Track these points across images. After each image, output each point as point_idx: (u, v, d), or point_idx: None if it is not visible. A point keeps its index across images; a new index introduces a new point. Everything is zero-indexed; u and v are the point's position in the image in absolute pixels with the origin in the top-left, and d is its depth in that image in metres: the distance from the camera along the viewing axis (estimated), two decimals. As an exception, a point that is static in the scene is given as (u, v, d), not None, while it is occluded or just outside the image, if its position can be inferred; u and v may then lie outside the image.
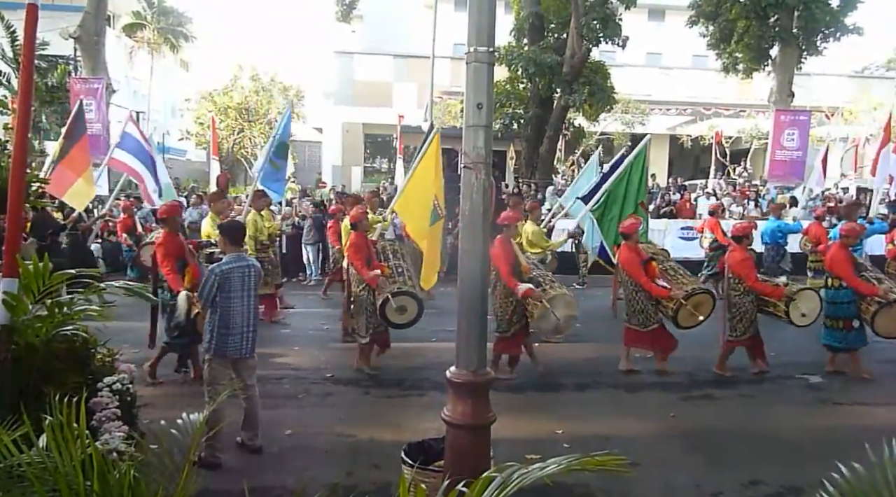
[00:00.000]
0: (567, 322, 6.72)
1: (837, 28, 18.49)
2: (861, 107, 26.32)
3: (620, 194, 7.55)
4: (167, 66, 36.10)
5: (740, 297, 7.05)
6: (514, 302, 6.76)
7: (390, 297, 6.67)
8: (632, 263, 7.03)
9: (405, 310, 6.79)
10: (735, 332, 7.12)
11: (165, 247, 6.32)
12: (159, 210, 7.01)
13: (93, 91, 15.77)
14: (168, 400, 5.78)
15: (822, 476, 2.26)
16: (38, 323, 3.57)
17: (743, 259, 7.00)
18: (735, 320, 7.10)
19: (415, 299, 6.84)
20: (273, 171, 9.52)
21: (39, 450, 2.11)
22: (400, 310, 6.73)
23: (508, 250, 6.82)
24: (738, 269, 6.99)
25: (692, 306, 7.01)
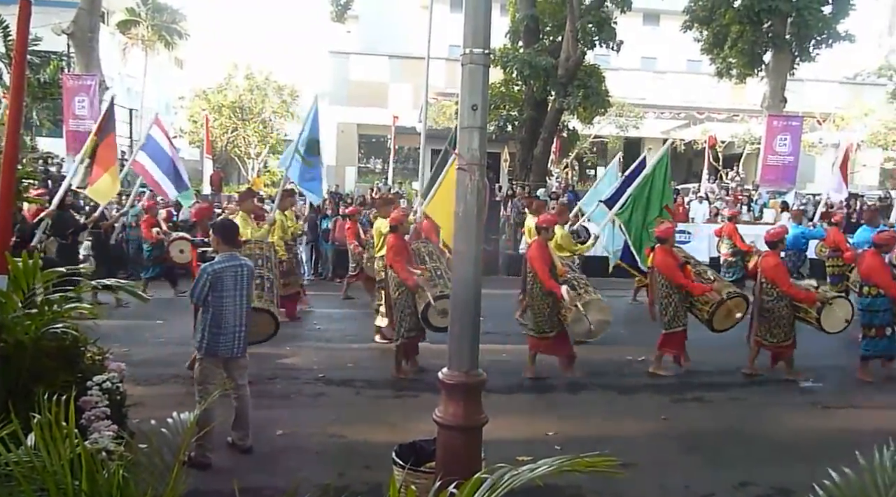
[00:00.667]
0: (600, 327, 6.79)
1: (829, 35, 18.64)
2: (852, 113, 26.51)
3: (645, 198, 7.59)
4: (161, 63, 35.96)
5: (774, 302, 7.07)
6: (552, 303, 6.80)
7: (433, 301, 6.69)
8: (669, 266, 7.08)
9: (447, 313, 6.78)
10: (774, 338, 7.10)
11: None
12: (193, 212, 6.95)
13: (86, 88, 15.71)
14: (158, 399, 5.74)
15: (812, 478, 2.27)
16: (28, 320, 3.54)
17: (777, 264, 7.03)
18: (771, 325, 7.09)
19: None
20: (307, 170, 9.20)
21: (27, 449, 2.09)
22: (442, 313, 6.72)
23: (546, 252, 6.87)
24: (771, 274, 7.01)
25: (727, 310, 7.06)
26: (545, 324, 6.85)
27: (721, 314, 7.13)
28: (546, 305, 6.81)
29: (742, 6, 18.22)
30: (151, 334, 8.42)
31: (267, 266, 6.94)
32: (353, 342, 8.43)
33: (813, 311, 7.04)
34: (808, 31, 18.20)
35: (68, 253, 8.82)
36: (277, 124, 29.93)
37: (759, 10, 17.84)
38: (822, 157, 27.96)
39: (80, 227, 9.27)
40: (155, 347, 7.91)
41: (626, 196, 7.55)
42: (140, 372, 6.38)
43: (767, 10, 17.76)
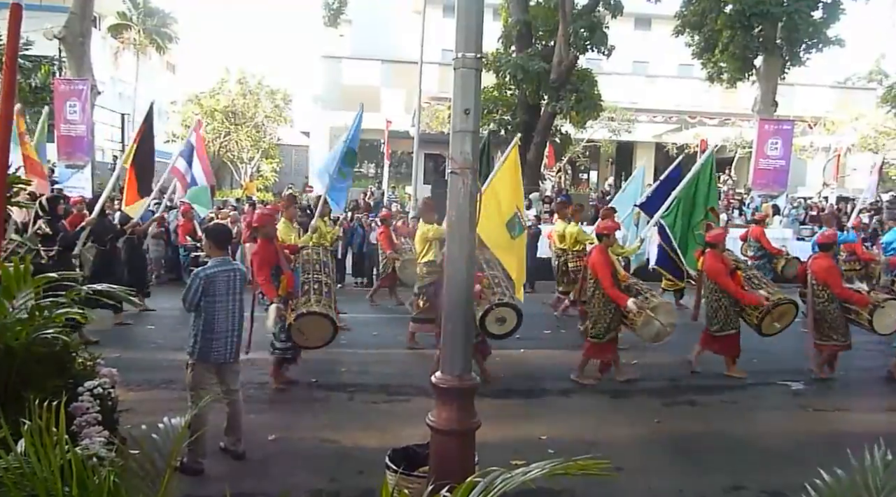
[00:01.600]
0: (667, 330, 6.83)
1: (820, 39, 18.76)
2: (843, 117, 26.73)
3: (690, 201, 7.64)
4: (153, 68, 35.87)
5: (825, 304, 7.13)
6: (614, 309, 6.86)
7: (493, 308, 6.71)
8: (719, 272, 7.11)
9: (504, 320, 6.85)
10: (829, 340, 7.16)
11: (261, 255, 6.33)
12: (255, 218, 6.94)
13: (77, 92, 15.63)
14: (150, 405, 5.71)
15: (803, 481, 2.28)
16: (18, 326, 3.52)
17: (829, 266, 7.09)
18: (826, 328, 7.15)
19: (514, 310, 6.90)
20: (339, 179, 9.19)
21: (17, 455, 2.07)
22: (499, 321, 6.79)
23: (608, 259, 6.91)
24: (824, 277, 7.06)
25: (777, 315, 7.12)
26: (602, 329, 6.93)
27: (771, 319, 7.19)
28: (608, 311, 6.89)
29: (733, 11, 18.32)
30: (143, 339, 8.37)
31: (325, 271, 6.95)
32: (346, 347, 8.40)
33: (865, 313, 7.10)
34: (798, 35, 18.32)
35: (107, 259, 8.89)
36: (270, 129, 29.91)
37: (750, 14, 17.95)
38: (813, 161, 28.18)
39: (119, 234, 9.26)
40: (147, 352, 7.87)
41: (672, 199, 7.60)
42: (132, 377, 6.34)
43: (758, 14, 17.87)
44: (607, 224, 7.31)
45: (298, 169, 32.19)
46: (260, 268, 6.30)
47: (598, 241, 7.12)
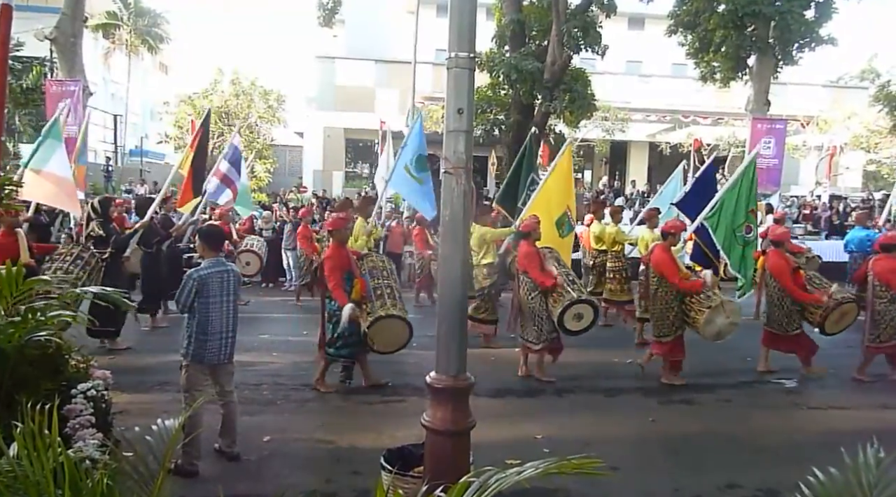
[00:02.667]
0: (729, 328, 6.86)
1: (812, 38, 18.84)
2: (835, 116, 26.85)
3: (733, 202, 7.71)
4: (146, 68, 35.77)
5: (886, 304, 7.15)
6: (676, 307, 6.91)
7: (572, 305, 6.76)
8: (781, 271, 7.17)
9: (581, 317, 6.90)
10: (878, 340, 7.20)
11: (333, 259, 6.34)
12: (328, 222, 6.92)
13: (69, 93, 15.53)
14: (144, 407, 5.68)
15: (798, 479, 2.28)
16: (11, 329, 3.50)
17: (893, 268, 7.08)
18: (881, 328, 7.18)
19: (592, 306, 6.98)
20: (419, 187, 9.19)
21: (9, 458, 2.06)
22: (577, 317, 6.83)
23: (672, 256, 6.98)
24: (887, 278, 7.09)
25: (839, 315, 7.18)
26: (667, 327, 6.97)
27: (833, 318, 7.23)
28: (672, 309, 6.93)
29: (726, 11, 18.39)
30: (137, 342, 8.33)
31: (393, 276, 7.02)
32: (341, 347, 8.39)
33: None
34: (791, 35, 18.39)
35: (153, 262, 8.96)
36: (264, 129, 29.83)
37: (742, 14, 18.01)
38: (806, 160, 28.30)
39: (166, 237, 9.28)
40: (140, 355, 7.84)
41: (715, 201, 7.68)
42: (125, 379, 6.31)
43: (751, 14, 17.94)
44: (674, 223, 7.36)
45: (292, 169, 32.12)
46: (332, 272, 6.30)
47: (663, 240, 7.17)
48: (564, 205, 7.73)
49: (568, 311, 6.76)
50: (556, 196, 7.85)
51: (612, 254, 9.56)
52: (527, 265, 6.90)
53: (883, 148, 27.44)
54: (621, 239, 9.53)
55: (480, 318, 8.37)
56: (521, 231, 7.14)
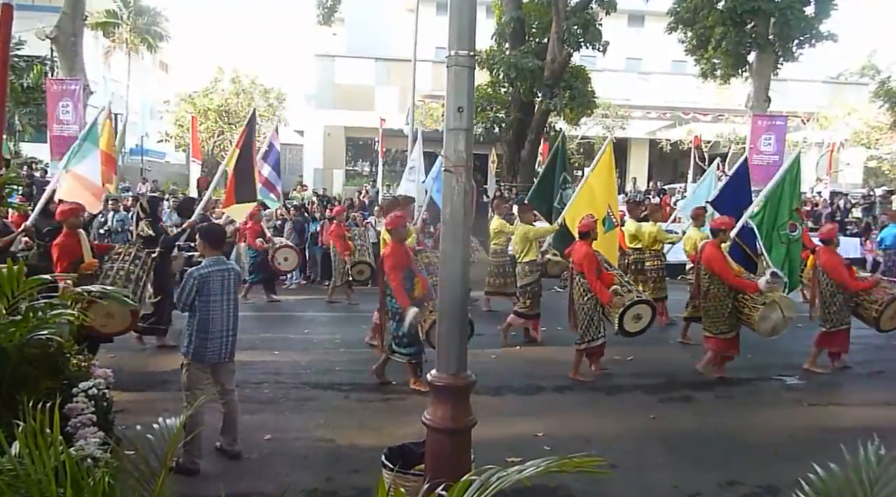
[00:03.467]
0: (785, 323, 6.89)
1: (812, 35, 18.81)
2: (835, 112, 26.82)
3: (776, 201, 7.74)
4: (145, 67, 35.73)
5: None
6: (731, 304, 6.95)
7: (632, 306, 6.82)
8: (835, 266, 7.24)
9: (640, 317, 6.96)
10: None
11: (394, 257, 6.37)
12: (388, 221, 6.93)
13: (70, 92, 15.54)
14: (145, 405, 5.70)
15: (798, 476, 2.29)
16: (12, 327, 3.50)
17: None
18: None
19: (650, 306, 7.04)
20: None
21: (11, 457, 2.06)
22: (636, 318, 6.90)
23: (724, 254, 7.02)
24: None
25: (894, 310, 7.24)
26: (723, 324, 7.01)
27: (889, 313, 7.27)
28: (726, 306, 6.97)
29: (725, 7, 18.36)
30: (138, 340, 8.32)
31: None
32: (341, 346, 8.41)
33: None
34: (790, 31, 18.36)
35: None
36: (264, 128, 29.81)
37: (742, 11, 17.98)
38: (807, 156, 28.25)
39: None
40: (141, 353, 7.85)
41: (761, 199, 7.70)
42: (126, 378, 6.33)
43: (751, 10, 17.90)
44: (723, 220, 7.35)
45: (293, 168, 32.09)
46: (393, 270, 6.31)
47: (713, 237, 7.17)
48: (606, 202, 7.86)
49: (628, 312, 6.85)
50: (599, 193, 7.97)
51: (652, 252, 9.52)
52: (586, 267, 6.87)
53: (883, 144, 27.43)
54: (662, 238, 9.53)
55: (521, 312, 8.47)
56: (580, 231, 7.16)
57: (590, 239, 7.02)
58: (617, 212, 8.01)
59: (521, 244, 8.38)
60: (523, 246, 8.37)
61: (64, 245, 6.29)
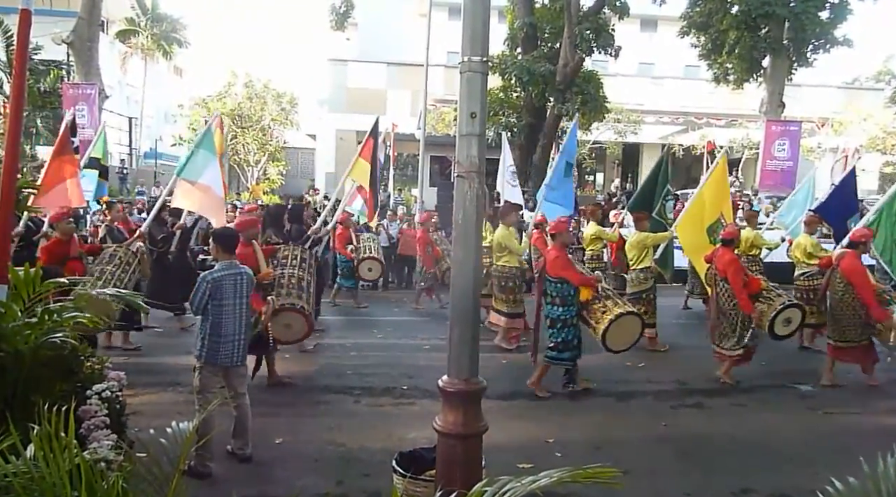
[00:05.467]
0: None
1: (827, 40, 18.70)
2: (851, 118, 26.58)
3: (891, 211, 7.73)
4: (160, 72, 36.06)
5: None
6: (865, 313, 6.93)
7: (784, 310, 7.00)
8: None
9: (790, 321, 7.14)
10: None
11: (561, 259, 6.52)
12: (552, 226, 7.04)
13: (85, 96, 15.74)
14: (157, 407, 5.73)
15: (812, 485, 2.26)
16: (27, 330, 3.53)
17: None
18: None
19: (801, 309, 7.22)
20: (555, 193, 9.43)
21: (26, 460, 2.08)
22: (786, 322, 7.09)
23: (862, 264, 7.00)
24: None
25: None
26: (853, 333, 7.00)
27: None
28: (858, 315, 6.96)
29: (739, 12, 18.29)
30: (150, 343, 8.39)
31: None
32: (352, 350, 8.41)
33: None
34: (805, 35, 18.26)
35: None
36: (276, 132, 29.99)
37: (756, 15, 17.90)
38: (821, 162, 28.02)
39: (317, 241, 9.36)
40: (153, 356, 7.89)
41: (876, 209, 7.68)
42: (139, 380, 6.37)
43: (765, 15, 17.82)
44: (863, 232, 7.31)
45: (304, 171, 32.26)
46: (567, 270, 6.51)
47: (853, 248, 7.14)
48: (718, 211, 8.04)
49: (779, 316, 6.96)
50: (711, 203, 8.13)
51: (748, 257, 9.47)
52: (731, 275, 6.87)
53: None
54: (760, 243, 9.56)
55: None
56: (724, 238, 7.18)
57: (733, 246, 7.07)
58: (729, 219, 8.23)
59: (638, 251, 8.39)
60: (639, 252, 8.38)
61: (244, 256, 6.37)
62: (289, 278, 6.79)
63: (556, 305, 6.55)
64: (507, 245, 8.22)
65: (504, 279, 8.34)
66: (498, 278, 8.39)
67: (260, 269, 6.35)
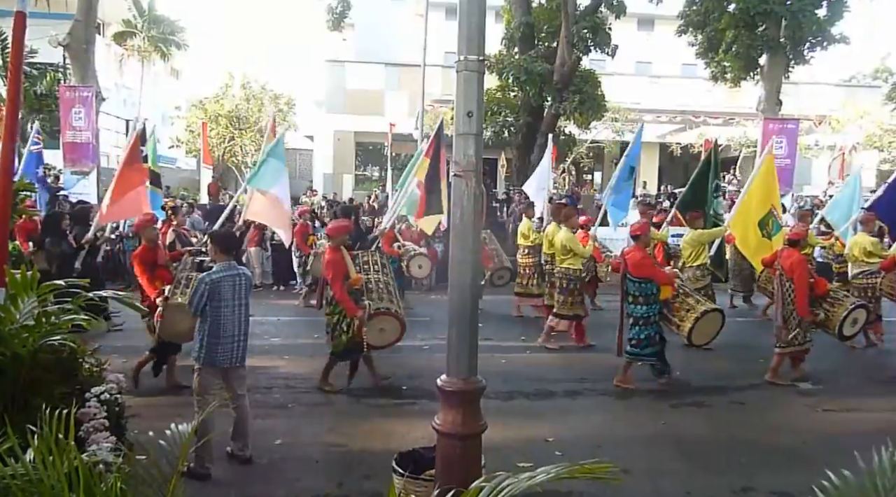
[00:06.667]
0: None
1: (824, 37, 18.69)
2: (848, 115, 26.60)
3: None
4: (157, 74, 35.98)
5: None
6: None
7: (853, 310, 7.13)
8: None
9: (857, 321, 7.25)
10: None
11: (648, 259, 6.75)
12: (634, 227, 7.17)
13: (82, 99, 15.70)
14: (157, 410, 5.72)
15: (812, 482, 2.26)
16: (26, 333, 3.53)
17: None
18: None
19: (866, 310, 7.34)
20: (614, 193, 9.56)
21: (24, 463, 2.08)
22: (853, 322, 7.21)
23: None
24: None
25: None
26: None
27: None
28: None
29: (736, 10, 18.28)
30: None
31: None
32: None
33: None
34: (802, 33, 18.25)
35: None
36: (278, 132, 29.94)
37: (753, 13, 17.89)
38: (819, 160, 28.05)
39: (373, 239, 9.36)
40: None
41: None
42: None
43: (762, 13, 17.81)
44: None
45: (303, 173, 32.21)
46: (652, 271, 6.74)
47: None
48: (769, 204, 8.16)
49: (847, 318, 7.05)
50: (760, 198, 8.28)
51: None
52: (798, 277, 6.88)
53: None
54: (814, 242, 9.59)
55: None
56: (790, 239, 7.26)
57: (799, 246, 7.11)
58: (780, 214, 8.40)
59: (695, 248, 8.48)
60: (696, 249, 8.47)
61: (333, 262, 6.42)
62: (376, 283, 6.84)
63: (640, 304, 6.76)
64: (573, 247, 8.29)
65: (567, 281, 8.38)
66: (560, 279, 8.43)
67: (350, 275, 6.40)
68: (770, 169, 8.60)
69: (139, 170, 8.57)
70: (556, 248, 8.53)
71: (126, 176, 8.16)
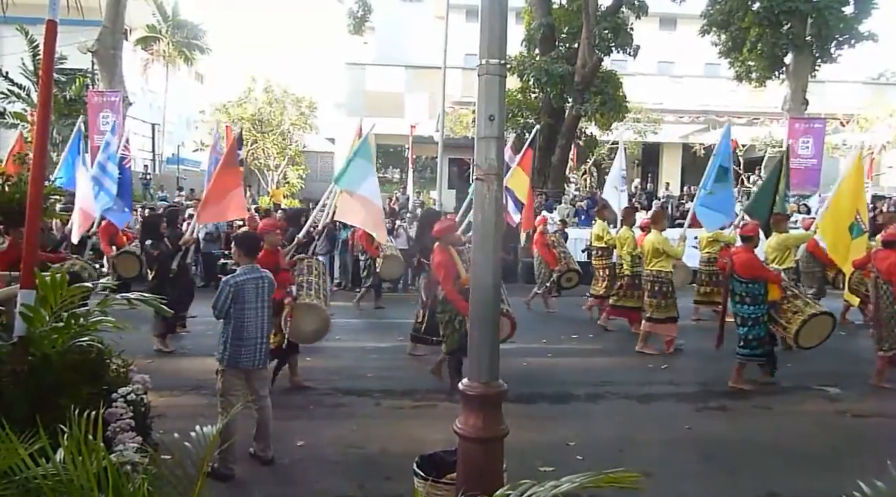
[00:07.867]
0: None
1: (851, 35, 18.39)
2: (876, 114, 26.08)
3: None
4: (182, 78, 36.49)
5: None
6: None
7: None
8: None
9: None
10: None
11: (755, 262, 6.85)
12: (744, 228, 7.34)
13: (110, 104, 16.01)
14: (181, 410, 5.80)
15: (839, 489, 2.23)
16: (55, 334, 3.60)
17: None
18: None
19: None
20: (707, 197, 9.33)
21: (55, 463, 2.12)
22: None
23: None
24: None
25: None
26: None
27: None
28: None
29: (761, 8, 18.05)
30: (175, 345, 8.49)
31: None
32: (372, 353, 8.45)
33: None
34: (828, 31, 17.97)
35: None
36: (296, 136, 30.18)
37: (778, 11, 17.66)
38: (846, 159, 27.54)
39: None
40: (176, 358, 7.99)
41: None
42: (162, 383, 6.45)
43: (787, 11, 17.58)
44: None
45: (324, 175, 32.42)
46: (762, 271, 6.88)
47: None
48: (855, 208, 8.11)
49: None
50: (848, 200, 8.19)
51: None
52: (893, 276, 6.81)
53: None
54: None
55: None
56: (886, 240, 7.16)
57: (894, 248, 6.96)
58: (866, 218, 8.33)
59: (781, 251, 8.51)
60: (781, 253, 8.49)
61: (444, 263, 6.51)
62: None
63: (747, 304, 6.85)
64: (665, 249, 8.32)
65: (658, 283, 8.38)
66: (651, 283, 8.42)
67: (461, 275, 6.47)
68: (857, 172, 8.43)
69: (236, 173, 8.74)
70: (645, 250, 8.53)
71: (223, 178, 8.28)
